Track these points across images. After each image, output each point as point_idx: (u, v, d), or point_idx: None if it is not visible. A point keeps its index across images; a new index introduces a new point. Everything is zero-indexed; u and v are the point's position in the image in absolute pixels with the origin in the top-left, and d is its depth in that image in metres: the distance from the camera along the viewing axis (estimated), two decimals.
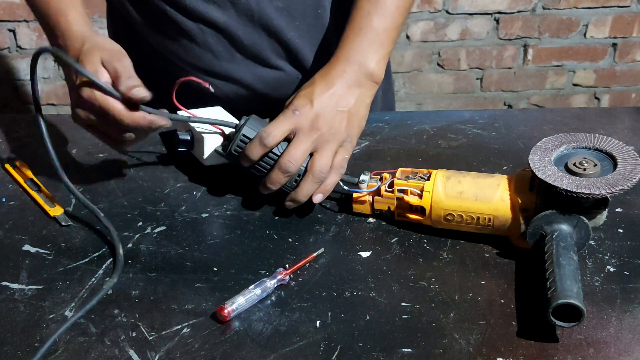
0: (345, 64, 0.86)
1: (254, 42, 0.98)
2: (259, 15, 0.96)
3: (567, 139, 0.78)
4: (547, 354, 0.65)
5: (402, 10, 0.91)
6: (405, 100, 2.35)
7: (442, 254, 0.78)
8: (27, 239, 0.83)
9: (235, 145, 0.82)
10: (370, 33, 0.88)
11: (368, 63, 0.87)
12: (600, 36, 2.25)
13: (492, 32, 2.23)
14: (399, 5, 0.90)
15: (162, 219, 0.86)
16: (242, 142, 0.81)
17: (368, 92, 0.87)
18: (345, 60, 0.87)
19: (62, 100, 2.26)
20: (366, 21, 0.88)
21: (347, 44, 0.88)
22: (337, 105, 0.83)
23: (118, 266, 0.75)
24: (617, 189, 0.70)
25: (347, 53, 0.87)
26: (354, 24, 0.89)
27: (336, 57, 0.88)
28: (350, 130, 0.84)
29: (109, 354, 0.66)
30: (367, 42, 0.88)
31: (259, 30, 0.97)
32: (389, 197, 0.82)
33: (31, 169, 0.96)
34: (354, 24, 0.89)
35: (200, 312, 0.71)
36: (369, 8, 0.88)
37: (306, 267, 0.77)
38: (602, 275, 0.74)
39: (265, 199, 0.88)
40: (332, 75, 0.86)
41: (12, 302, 0.73)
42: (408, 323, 0.69)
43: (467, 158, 0.96)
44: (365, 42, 0.88)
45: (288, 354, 0.66)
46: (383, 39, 0.89)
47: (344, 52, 0.87)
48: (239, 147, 0.82)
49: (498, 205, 0.76)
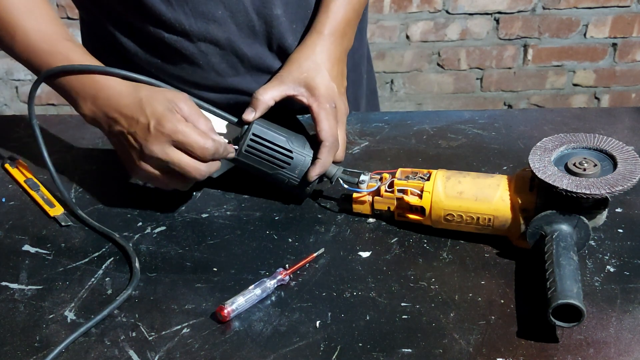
0: (340, 39, 0.93)
1: (257, 52, 0.97)
2: (259, 25, 0.95)
3: (567, 139, 0.78)
4: (547, 354, 0.65)
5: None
6: (405, 100, 2.35)
7: (442, 254, 0.78)
8: (27, 239, 0.83)
9: (245, 145, 0.83)
10: (351, 10, 0.95)
11: (351, 39, 0.95)
12: (600, 36, 2.25)
13: (492, 32, 2.23)
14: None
15: (162, 219, 0.86)
16: (252, 142, 0.83)
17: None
18: (341, 37, 0.93)
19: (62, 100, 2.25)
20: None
21: (335, 18, 0.93)
22: (343, 83, 0.92)
23: (134, 279, 0.75)
24: (617, 189, 0.70)
25: (337, 27, 0.93)
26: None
27: (332, 33, 0.92)
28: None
29: (109, 354, 0.66)
30: (354, 14, 0.95)
31: (260, 40, 0.96)
32: (389, 197, 0.82)
33: (31, 169, 0.96)
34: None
35: (200, 312, 0.71)
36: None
37: (306, 267, 0.77)
38: (602, 275, 0.74)
39: (265, 199, 0.88)
40: (336, 56, 0.91)
41: (12, 302, 0.73)
42: (408, 323, 0.69)
43: (467, 158, 0.96)
44: (352, 14, 0.95)
45: (288, 354, 0.66)
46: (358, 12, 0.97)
47: (334, 26, 0.93)
48: (249, 146, 0.83)
49: (498, 206, 0.76)
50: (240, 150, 0.83)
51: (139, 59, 0.97)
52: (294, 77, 0.88)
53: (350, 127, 1.04)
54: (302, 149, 0.84)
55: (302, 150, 0.84)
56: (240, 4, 0.92)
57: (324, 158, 0.83)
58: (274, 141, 0.83)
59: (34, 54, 0.84)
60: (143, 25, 0.93)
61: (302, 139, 0.85)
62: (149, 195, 0.90)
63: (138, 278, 0.75)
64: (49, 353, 0.66)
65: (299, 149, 0.84)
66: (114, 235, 0.81)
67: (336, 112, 0.87)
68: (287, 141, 0.84)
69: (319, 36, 0.92)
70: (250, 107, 0.85)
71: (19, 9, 0.85)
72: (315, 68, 0.88)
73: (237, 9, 0.92)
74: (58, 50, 0.83)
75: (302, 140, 0.85)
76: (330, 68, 0.89)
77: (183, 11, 0.91)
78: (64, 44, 0.84)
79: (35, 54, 0.84)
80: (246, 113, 0.85)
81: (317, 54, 0.90)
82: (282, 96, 0.87)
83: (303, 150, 0.84)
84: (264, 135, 0.83)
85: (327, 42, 0.91)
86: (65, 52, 0.83)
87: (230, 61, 0.97)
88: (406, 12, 2.18)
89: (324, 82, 0.87)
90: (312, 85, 0.87)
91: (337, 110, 0.87)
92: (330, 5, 0.93)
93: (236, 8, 0.92)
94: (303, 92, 0.87)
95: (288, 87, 0.87)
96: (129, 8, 0.92)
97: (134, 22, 0.94)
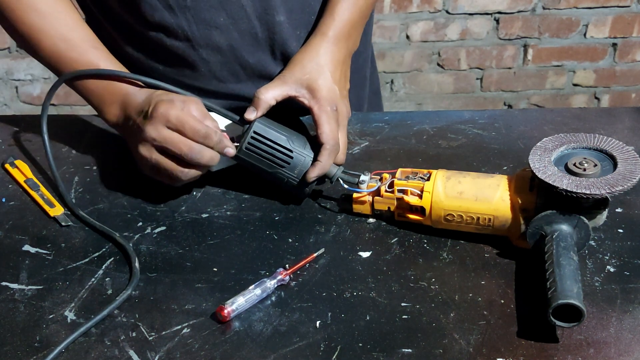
0: (344, 42, 0.92)
1: (259, 59, 0.97)
2: (262, 32, 0.95)
3: (567, 139, 0.78)
4: (547, 354, 0.65)
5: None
6: (405, 100, 2.35)
7: (442, 254, 0.78)
8: (27, 239, 0.83)
9: (246, 142, 0.83)
10: (357, 12, 0.94)
11: (356, 42, 0.95)
12: (600, 36, 2.25)
13: (492, 32, 2.23)
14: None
15: (162, 219, 0.86)
16: (252, 139, 0.83)
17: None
18: (346, 39, 0.93)
19: (62, 100, 2.26)
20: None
21: (340, 20, 0.93)
22: (346, 86, 0.93)
23: (134, 279, 0.75)
24: (617, 189, 0.70)
25: (341, 30, 0.92)
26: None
27: (336, 36, 0.92)
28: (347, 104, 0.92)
29: (109, 354, 0.66)
30: (360, 16, 0.95)
31: (263, 47, 0.96)
32: (389, 198, 0.82)
33: (31, 169, 0.96)
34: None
35: (200, 312, 0.71)
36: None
37: (306, 267, 0.77)
38: (602, 275, 0.74)
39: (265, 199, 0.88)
40: (340, 59, 0.91)
41: (12, 302, 0.73)
42: (408, 323, 0.69)
43: (467, 158, 0.96)
44: (357, 16, 0.94)
45: (288, 354, 0.66)
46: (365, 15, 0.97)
47: (339, 28, 0.92)
48: (250, 144, 0.83)
49: (498, 206, 0.76)
50: (240, 147, 0.84)
51: (141, 64, 0.97)
52: (296, 78, 0.88)
53: (351, 127, 1.04)
54: (303, 149, 0.84)
55: (302, 150, 0.84)
56: (242, 10, 0.92)
57: (324, 161, 0.83)
58: (275, 140, 0.83)
59: (60, 60, 0.88)
60: (145, 31, 0.93)
61: (302, 139, 0.85)
62: (149, 196, 0.90)
63: (138, 278, 0.75)
64: (49, 353, 0.66)
65: (299, 149, 0.84)
66: (114, 235, 0.81)
67: (337, 114, 0.86)
68: (287, 140, 0.84)
69: (323, 38, 0.91)
70: (252, 106, 0.85)
71: (45, 13, 0.87)
72: (318, 70, 0.88)
73: (239, 15, 0.92)
74: (85, 60, 0.87)
75: (303, 140, 0.85)
76: (334, 70, 0.89)
77: (185, 17, 0.91)
78: (91, 53, 0.88)
79: (61, 59, 0.88)
80: (248, 112, 0.85)
81: (321, 55, 0.90)
82: (284, 96, 0.87)
83: (303, 151, 0.84)
84: (265, 133, 0.83)
85: (331, 44, 0.91)
86: (96, 61, 0.87)
87: (232, 68, 0.97)
88: (406, 12, 2.18)
89: (326, 85, 0.87)
90: (314, 87, 0.86)
91: (338, 113, 0.87)
92: (336, 7, 0.93)
93: (238, 15, 0.92)
94: (305, 94, 0.87)
95: (290, 88, 0.87)
96: (131, 13, 0.92)
97: (136, 27, 0.94)
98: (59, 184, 0.89)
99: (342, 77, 0.91)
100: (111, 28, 0.96)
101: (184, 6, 0.90)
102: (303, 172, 0.84)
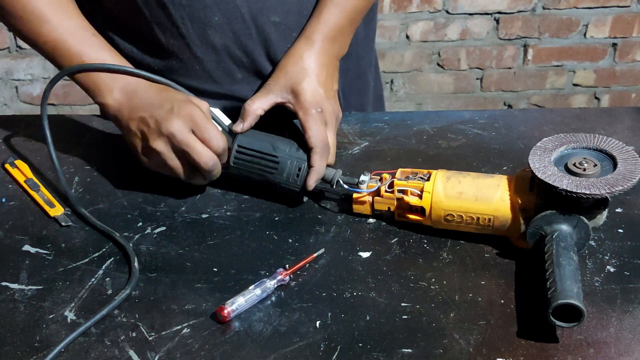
0: (330, 45, 0.92)
1: (253, 60, 0.97)
2: (256, 33, 0.95)
3: (567, 139, 0.78)
4: (547, 354, 0.65)
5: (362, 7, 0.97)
6: (405, 100, 2.35)
7: (442, 254, 0.78)
8: (27, 239, 0.83)
9: (233, 157, 0.85)
10: (344, 18, 0.94)
11: (343, 46, 0.94)
12: (600, 36, 2.25)
13: (492, 32, 2.23)
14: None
15: (162, 220, 0.86)
16: (238, 153, 0.85)
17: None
18: (331, 43, 0.92)
19: (62, 100, 2.26)
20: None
21: (326, 24, 0.92)
22: (333, 87, 0.92)
23: (133, 279, 0.75)
24: (617, 189, 0.70)
25: (327, 34, 0.92)
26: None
27: (321, 39, 0.92)
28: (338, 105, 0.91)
29: (109, 354, 0.66)
30: (348, 22, 0.94)
31: (257, 48, 0.96)
32: (389, 198, 0.82)
33: (31, 169, 0.96)
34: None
35: (200, 313, 0.71)
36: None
37: (306, 267, 0.77)
38: (602, 275, 0.74)
39: (265, 200, 0.88)
40: (325, 61, 0.90)
41: (12, 302, 0.73)
42: (408, 323, 0.69)
43: (467, 158, 0.96)
44: (345, 21, 0.93)
45: (288, 354, 0.66)
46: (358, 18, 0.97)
47: (324, 32, 0.92)
48: (236, 158, 0.85)
49: (498, 206, 0.76)
50: (228, 164, 0.85)
51: (136, 63, 0.97)
52: (280, 85, 0.88)
53: (350, 127, 1.04)
54: (288, 151, 0.85)
55: (287, 154, 0.84)
56: (236, 11, 0.92)
57: (317, 165, 0.84)
58: (259, 149, 0.85)
59: (60, 48, 0.87)
60: (140, 29, 0.93)
61: (287, 142, 0.86)
62: (149, 196, 0.90)
63: (137, 278, 0.75)
64: (49, 353, 0.66)
65: (284, 153, 0.84)
66: (114, 234, 0.81)
67: (324, 115, 0.86)
68: (271, 147, 0.85)
69: (306, 41, 0.91)
70: (240, 119, 0.86)
71: (46, 2, 0.87)
72: (302, 73, 0.88)
73: (234, 15, 0.92)
74: (85, 48, 0.86)
75: (288, 142, 0.86)
76: (319, 72, 0.89)
77: (180, 16, 0.91)
78: (91, 40, 0.88)
79: (61, 47, 0.87)
80: (236, 124, 0.86)
81: (305, 59, 0.90)
82: (271, 105, 0.87)
83: (288, 153, 0.84)
84: (249, 145, 0.85)
85: (315, 47, 0.91)
86: (94, 52, 0.87)
87: (227, 68, 0.97)
88: (406, 12, 2.18)
89: (310, 87, 0.87)
90: (298, 90, 0.87)
91: (325, 113, 0.87)
92: (323, 11, 0.93)
93: (232, 15, 0.92)
94: (290, 99, 0.87)
95: (275, 95, 0.87)
96: (126, 11, 0.92)
97: (131, 25, 0.94)
98: (60, 178, 0.88)
99: (328, 78, 0.90)
100: (106, 26, 0.95)
101: (179, 4, 0.90)
102: (292, 175, 0.84)
